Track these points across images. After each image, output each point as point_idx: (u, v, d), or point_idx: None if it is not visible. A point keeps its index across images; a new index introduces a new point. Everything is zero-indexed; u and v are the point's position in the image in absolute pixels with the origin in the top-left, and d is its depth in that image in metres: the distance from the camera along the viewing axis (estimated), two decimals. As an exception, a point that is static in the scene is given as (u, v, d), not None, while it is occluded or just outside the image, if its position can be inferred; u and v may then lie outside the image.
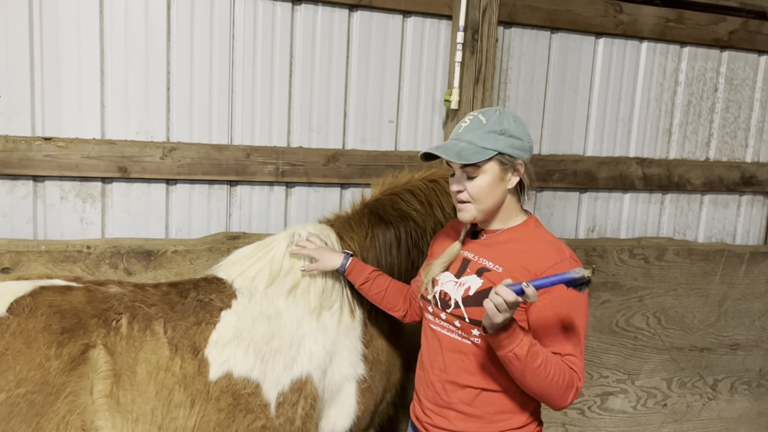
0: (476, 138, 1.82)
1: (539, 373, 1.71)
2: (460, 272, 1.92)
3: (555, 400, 1.78)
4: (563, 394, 1.76)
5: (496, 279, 1.83)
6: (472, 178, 1.84)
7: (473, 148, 1.81)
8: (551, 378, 1.72)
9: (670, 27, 3.78)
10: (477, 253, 1.93)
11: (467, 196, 1.86)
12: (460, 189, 1.87)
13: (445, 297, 1.92)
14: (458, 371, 1.88)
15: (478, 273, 1.88)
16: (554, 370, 1.72)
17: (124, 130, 2.98)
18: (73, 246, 2.74)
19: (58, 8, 2.81)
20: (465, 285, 1.87)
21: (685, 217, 4.10)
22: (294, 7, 3.15)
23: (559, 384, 1.73)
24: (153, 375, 1.87)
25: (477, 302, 1.82)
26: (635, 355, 3.77)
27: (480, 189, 1.84)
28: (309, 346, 2.18)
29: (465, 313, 1.85)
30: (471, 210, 1.87)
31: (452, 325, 1.90)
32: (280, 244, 2.28)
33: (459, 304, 1.86)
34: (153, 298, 2.01)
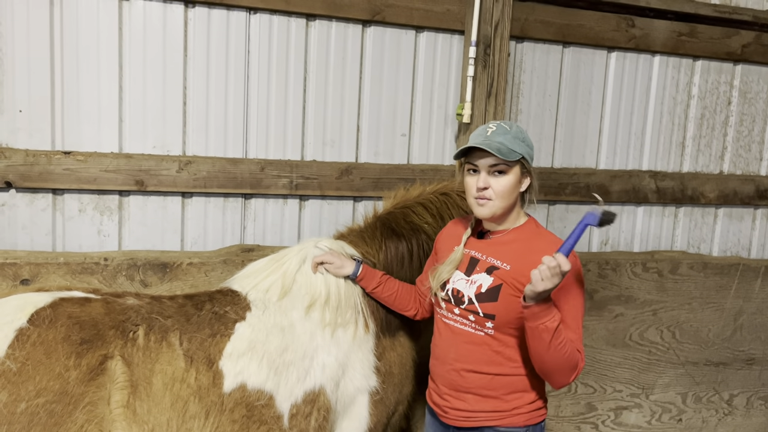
0: (506, 141, 2.00)
1: (560, 349, 1.88)
2: (470, 270, 2.09)
3: (562, 378, 1.98)
4: (570, 372, 1.96)
5: (505, 276, 2.02)
6: (499, 177, 2.01)
7: (507, 149, 1.99)
8: (566, 356, 1.91)
9: (683, 41, 3.78)
10: (485, 253, 2.10)
11: (491, 193, 2.01)
12: (486, 186, 2.01)
13: (458, 294, 2.09)
14: (473, 360, 2.06)
15: (487, 271, 2.06)
16: (569, 349, 1.92)
17: (142, 144, 3.03)
18: (91, 258, 2.79)
19: (79, 25, 2.88)
20: (476, 283, 2.05)
21: (699, 230, 4.08)
22: (308, 23, 3.20)
23: (570, 362, 1.93)
24: (169, 386, 1.90)
25: (490, 298, 2.02)
26: (649, 369, 3.74)
27: (505, 187, 2.01)
28: (322, 358, 2.20)
29: (479, 309, 2.02)
30: (492, 206, 2.03)
31: (466, 319, 2.07)
32: (293, 259, 2.30)
33: (473, 300, 2.03)
34: (169, 310, 2.04)
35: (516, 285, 2.00)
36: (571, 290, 1.99)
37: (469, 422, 2.11)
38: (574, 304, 2.00)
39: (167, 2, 2.98)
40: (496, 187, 2.01)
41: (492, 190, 2.01)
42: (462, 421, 2.13)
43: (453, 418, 2.15)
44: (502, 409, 2.08)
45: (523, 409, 2.09)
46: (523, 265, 1.99)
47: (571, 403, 3.64)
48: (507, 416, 2.08)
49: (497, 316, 2.01)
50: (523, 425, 2.09)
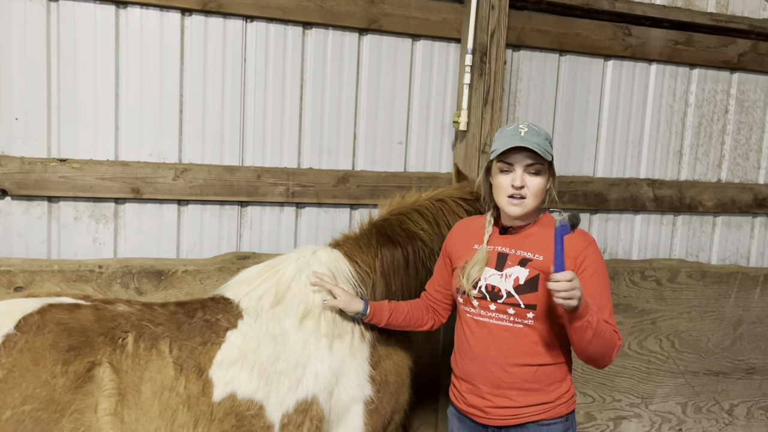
0: (540, 142, 2.06)
1: (602, 336, 1.96)
2: (500, 265, 2.12)
3: (606, 360, 2.06)
4: (611, 353, 2.04)
5: (541, 267, 2.07)
6: (535, 175, 2.07)
7: (544, 150, 2.06)
8: (607, 340, 1.99)
9: (679, 49, 3.79)
10: (512, 247, 2.15)
11: (527, 192, 2.07)
12: (523, 184, 2.06)
13: (494, 289, 2.10)
14: (516, 353, 2.09)
15: (521, 264, 2.10)
16: (608, 333, 2.00)
17: (138, 151, 3.03)
18: (86, 265, 2.78)
19: (75, 33, 2.88)
20: (512, 276, 2.09)
21: (697, 239, 4.07)
22: (305, 31, 3.21)
23: (610, 345, 2.02)
24: (158, 394, 1.88)
25: (530, 289, 2.06)
26: (649, 379, 3.72)
27: (540, 186, 2.09)
28: (315, 366, 2.17)
29: (520, 301, 2.06)
30: (525, 205, 2.08)
31: (504, 314, 2.09)
32: (288, 266, 2.29)
33: (512, 293, 2.07)
34: (160, 318, 2.02)
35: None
36: (597, 271, 2.07)
37: (515, 419, 2.11)
38: (603, 284, 2.08)
39: (164, 10, 2.99)
40: (531, 186, 2.07)
41: (528, 189, 2.07)
42: (507, 419, 2.12)
43: (496, 417, 2.13)
44: (546, 401, 2.11)
45: (563, 399, 2.14)
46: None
47: (569, 413, 3.61)
48: (551, 408, 2.12)
49: (539, 306, 2.05)
50: (565, 414, 2.15)
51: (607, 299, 2.10)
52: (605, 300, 2.09)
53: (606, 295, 2.10)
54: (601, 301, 2.06)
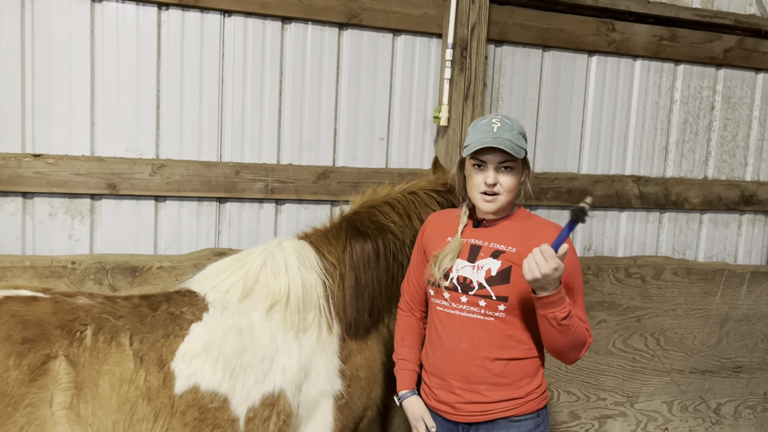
0: (513, 138, 2.03)
1: (571, 332, 1.94)
2: (473, 257, 2.10)
3: (574, 355, 2.06)
4: (581, 349, 2.04)
5: (514, 258, 2.06)
6: (508, 172, 2.05)
7: (516, 146, 2.03)
8: (578, 336, 1.97)
9: (664, 45, 3.76)
10: (485, 239, 2.13)
11: (500, 189, 2.06)
12: (495, 182, 2.05)
13: (465, 281, 2.08)
14: (487, 347, 2.07)
15: (493, 255, 2.08)
16: (580, 329, 1.98)
17: (114, 147, 3.00)
18: (58, 261, 2.74)
19: (50, 27, 2.85)
20: (484, 267, 2.07)
21: (684, 236, 4.04)
22: (284, 25, 3.18)
23: (580, 341, 2.00)
24: (116, 387, 1.84)
25: (502, 280, 2.05)
26: (634, 377, 3.68)
27: (513, 182, 2.07)
28: (283, 360, 2.14)
29: (491, 292, 2.04)
30: (499, 201, 2.08)
31: (475, 306, 2.07)
32: (255, 259, 2.25)
33: (483, 284, 2.05)
34: (122, 310, 1.99)
35: None
36: (572, 270, 2.04)
37: (485, 416, 2.09)
38: (576, 282, 2.07)
39: (140, 4, 2.96)
40: (504, 183, 2.06)
41: (501, 186, 2.06)
42: (477, 415, 2.09)
43: (466, 414, 2.11)
44: (516, 396, 2.09)
45: (534, 394, 2.12)
46: (528, 247, 2.00)
47: (553, 412, 3.57)
48: (522, 404, 2.09)
49: (510, 298, 2.04)
50: (535, 410, 2.12)
51: (579, 295, 2.09)
52: (577, 296, 2.08)
53: (579, 292, 2.09)
54: (573, 297, 2.05)
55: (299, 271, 2.24)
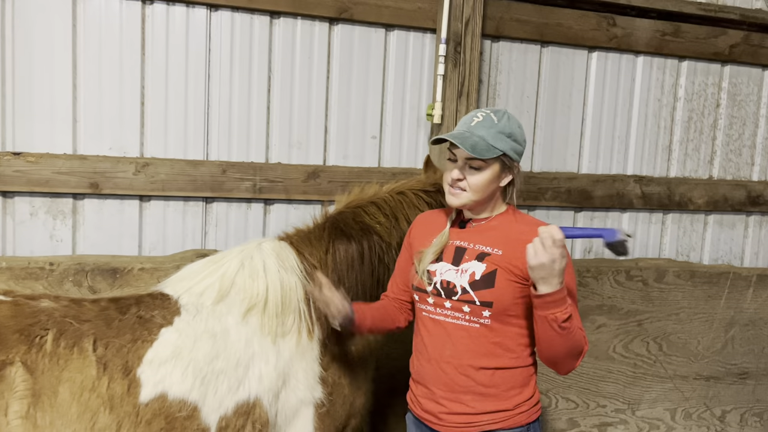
0: (488, 136, 1.91)
1: (572, 337, 1.82)
2: (457, 260, 1.99)
3: (569, 364, 1.91)
4: (577, 358, 1.90)
5: (499, 261, 1.94)
6: (475, 171, 1.94)
7: (485, 145, 1.90)
8: (576, 342, 1.85)
9: (667, 41, 3.65)
10: (470, 241, 2.01)
11: (465, 185, 1.95)
12: (460, 177, 1.95)
13: (449, 285, 1.97)
14: (472, 355, 1.96)
15: (478, 258, 1.96)
16: (578, 335, 1.86)
17: (98, 145, 2.92)
18: (36, 263, 2.66)
19: (31, 21, 2.78)
20: (468, 271, 1.96)
21: (688, 237, 3.91)
22: (272, 20, 3.09)
23: (577, 348, 1.87)
24: (76, 396, 1.75)
25: (486, 285, 1.92)
26: (635, 384, 3.56)
27: (480, 182, 1.94)
28: (259, 367, 2.04)
29: (475, 297, 1.92)
30: (464, 198, 1.97)
31: (459, 312, 1.96)
32: (233, 260, 2.16)
33: (467, 289, 1.93)
34: (88, 314, 1.90)
35: (510, 269, 1.92)
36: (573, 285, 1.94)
37: (470, 428, 1.96)
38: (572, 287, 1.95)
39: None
40: (471, 181, 1.95)
41: (466, 183, 1.96)
42: (462, 427, 1.97)
43: (451, 425, 1.98)
44: (504, 408, 1.97)
45: (524, 407, 1.99)
46: (515, 248, 1.92)
47: (551, 419, 3.46)
48: (510, 416, 1.97)
49: (495, 303, 1.92)
50: (525, 424, 2.00)
51: (574, 301, 1.96)
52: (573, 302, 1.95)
53: (574, 296, 1.97)
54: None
55: (278, 273, 2.14)
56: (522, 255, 1.88)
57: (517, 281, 1.93)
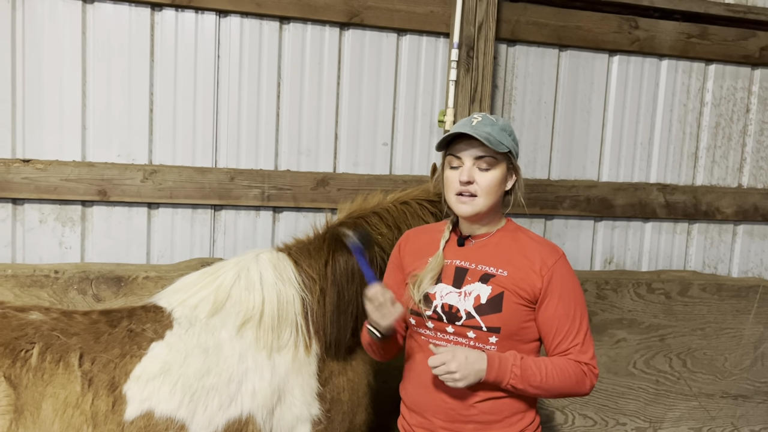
0: (494, 133, 1.82)
1: (546, 381, 1.78)
2: (459, 282, 1.87)
3: (574, 394, 1.87)
4: (578, 387, 1.84)
5: (505, 283, 1.83)
6: (485, 171, 1.83)
7: (495, 140, 1.81)
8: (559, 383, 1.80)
9: (693, 43, 3.50)
10: (471, 260, 1.90)
11: (476, 188, 1.83)
12: (470, 180, 1.83)
13: (451, 309, 1.85)
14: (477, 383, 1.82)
15: (482, 280, 1.85)
16: (558, 372, 1.79)
17: (106, 152, 2.91)
18: (41, 270, 2.66)
19: (41, 29, 2.78)
20: (472, 294, 1.84)
21: (716, 249, 3.74)
22: (282, 26, 3.05)
23: (569, 382, 1.81)
24: (59, 412, 1.71)
25: (493, 309, 1.82)
26: (657, 401, 3.41)
27: (492, 183, 1.83)
28: (252, 382, 1.98)
29: (482, 323, 1.82)
30: (476, 204, 1.84)
31: (463, 337, 1.84)
32: (229, 272, 2.10)
33: (472, 314, 1.82)
34: (77, 327, 1.86)
35: (518, 291, 1.82)
36: (564, 294, 1.83)
37: None
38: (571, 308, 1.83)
39: (133, 5, 2.87)
40: (481, 182, 1.83)
41: (477, 185, 1.83)
42: None
43: None
44: None
45: (527, 431, 1.90)
46: (519, 269, 1.84)
47: (568, 437, 3.34)
48: None
49: (503, 328, 1.81)
50: None
51: (576, 324, 1.83)
52: (576, 324, 1.83)
53: (577, 318, 1.83)
54: (566, 326, 1.83)
55: (275, 285, 2.08)
56: (528, 276, 1.83)
57: (524, 304, 1.83)
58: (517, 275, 1.83)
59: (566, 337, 1.83)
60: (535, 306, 1.85)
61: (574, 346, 1.83)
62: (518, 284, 1.83)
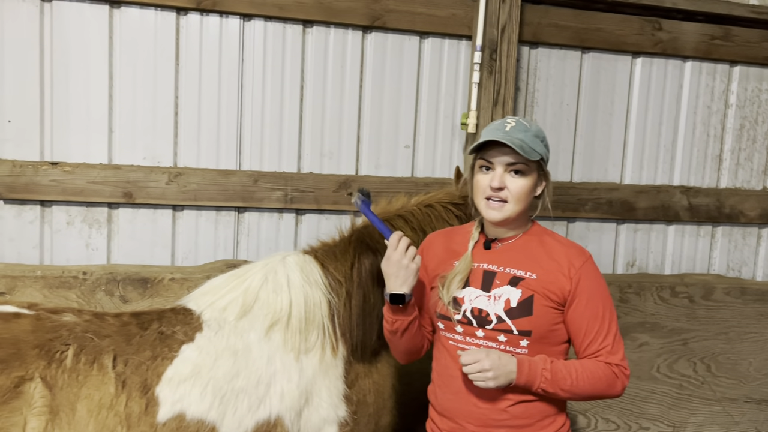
0: (526, 139, 1.82)
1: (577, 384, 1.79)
2: (487, 285, 1.87)
3: (606, 396, 1.88)
4: (609, 389, 1.84)
5: (535, 286, 1.83)
6: (517, 176, 1.84)
7: (528, 148, 1.81)
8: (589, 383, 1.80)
9: (717, 45, 3.47)
10: (499, 264, 1.90)
11: (507, 195, 1.83)
12: (501, 185, 1.83)
13: (481, 314, 1.85)
14: (508, 387, 1.83)
15: (511, 283, 1.85)
16: (588, 375, 1.80)
17: (131, 154, 2.94)
18: (69, 272, 2.70)
19: (69, 33, 2.82)
20: (502, 298, 1.84)
21: (740, 252, 3.71)
22: (305, 29, 3.07)
23: (599, 384, 1.82)
24: (94, 413, 1.74)
25: (523, 312, 1.82)
26: (680, 406, 3.38)
27: (523, 189, 1.84)
28: (281, 385, 1.99)
29: (513, 326, 1.82)
30: (506, 210, 1.85)
31: (493, 341, 1.84)
32: (256, 274, 2.12)
33: (503, 317, 1.83)
34: (109, 329, 1.89)
35: (547, 294, 1.83)
36: (592, 296, 1.83)
37: None
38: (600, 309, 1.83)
39: (159, 10, 2.90)
40: (513, 188, 1.83)
41: (508, 191, 1.83)
42: None
43: None
44: None
45: None
46: (548, 272, 1.84)
47: (590, 440, 3.32)
48: None
49: (533, 332, 1.82)
50: None
51: (606, 325, 1.84)
52: (606, 325, 1.83)
53: (606, 319, 1.84)
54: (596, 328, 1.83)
55: (302, 288, 2.09)
56: (557, 279, 1.84)
57: (554, 307, 1.84)
58: (546, 278, 1.84)
59: (596, 338, 1.83)
60: (563, 308, 1.85)
61: (603, 348, 1.83)
62: (547, 287, 1.83)
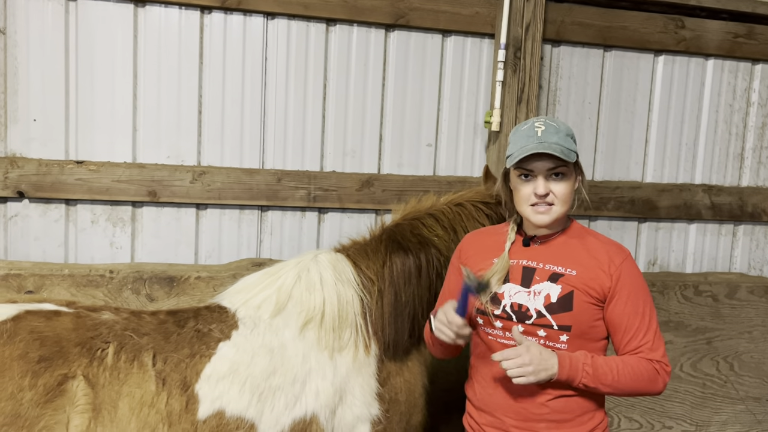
0: (561, 140, 1.83)
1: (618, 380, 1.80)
2: (527, 281, 1.88)
3: (647, 393, 1.88)
4: (651, 386, 1.84)
5: (575, 282, 1.84)
6: (559, 179, 1.85)
7: (566, 150, 1.82)
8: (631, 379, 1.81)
9: (740, 43, 3.45)
10: (539, 260, 1.91)
11: (553, 198, 1.85)
12: (547, 192, 1.84)
13: (521, 309, 1.87)
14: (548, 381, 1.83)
15: (551, 279, 1.87)
16: (629, 371, 1.80)
17: (156, 153, 2.95)
18: (96, 270, 2.70)
19: (94, 33, 2.83)
20: (542, 293, 1.86)
21: (762, 251, 3.69)
22: (329, 27, 3.07)
23: (641, 380, 1.82)
24: (136, 411, 1.74)
25: (563, 308, 1.84)
26: (704, 405, 3.37)
27: (567, 191, 1.86)
28: (316, 383, 1.99)
29: (553, 321, 1.83)
30: (554, 212, 1.86)
31: (533, 336, 1.86)
32: (289, 273, 2.12)
33: (543, 312, 1.84)
34: (147, 327, 1.89)
35: (587, 290, 1.84)
36: (632, 292, 1.84)
37: None
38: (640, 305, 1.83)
39: (183, 8, 2.91)
40: (558, 192, 1.85)
41: (554, 196, 1.85)
42: None
43: None
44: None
45: (597, 430, 1.91)
46: (588, 268, 1.85)
47: (613, 440, 3.31)
48: None
49: (573, 327, 1.83)
50: None
51: (646, 322, 1.84)
52: (646, 322, 1.84)
53: (646, 316, 1.85)
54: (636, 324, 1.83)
55: (335, 286, 2.09)
56: (597, 275, 1.84)
57: (594, 303, 1.84)
58: (586, 274, 1.84)
59: (636, 335, 1.83)
60: (603, 305, 1.85)
61: (644, 344, 1.84)
62: (587, 283, 1.83)
